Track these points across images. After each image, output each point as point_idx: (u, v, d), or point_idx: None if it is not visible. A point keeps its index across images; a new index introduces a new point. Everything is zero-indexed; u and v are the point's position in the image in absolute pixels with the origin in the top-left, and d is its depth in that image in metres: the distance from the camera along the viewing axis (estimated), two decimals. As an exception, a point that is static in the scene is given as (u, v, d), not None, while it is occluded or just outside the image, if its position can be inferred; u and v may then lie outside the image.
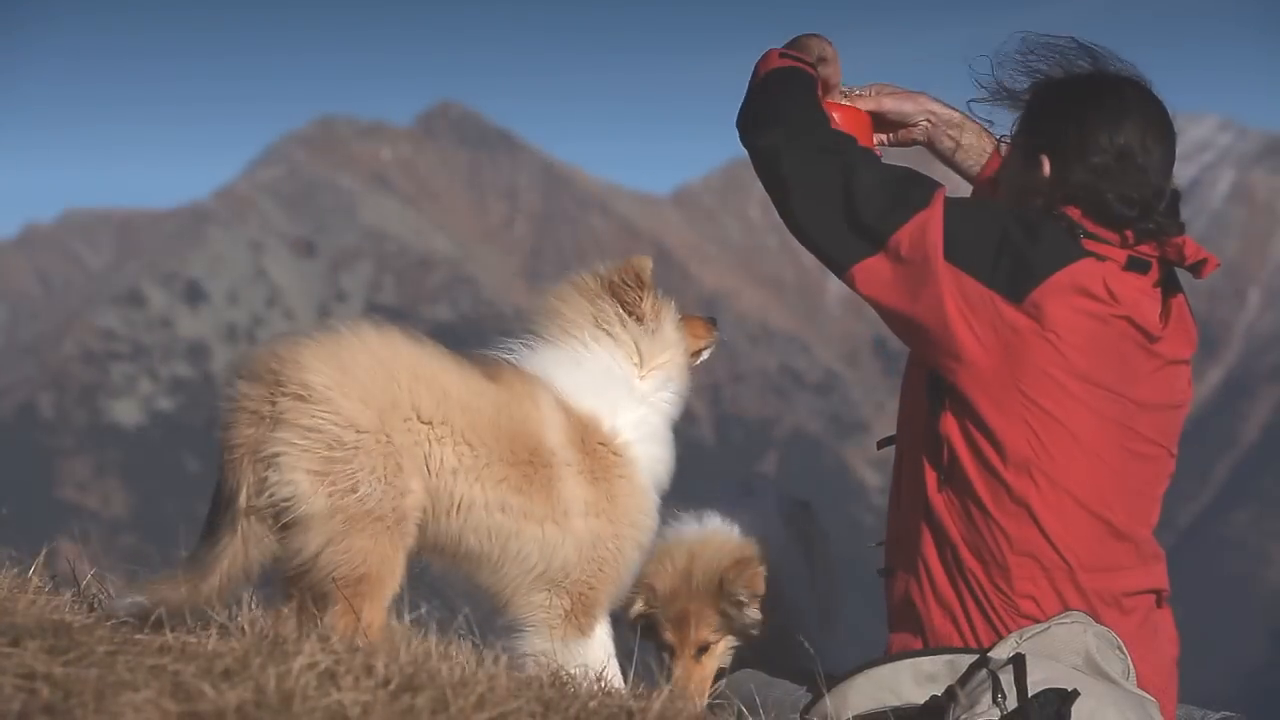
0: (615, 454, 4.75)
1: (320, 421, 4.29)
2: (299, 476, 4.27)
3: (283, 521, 4.28)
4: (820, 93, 5.04)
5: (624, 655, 4.79)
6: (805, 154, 4.85)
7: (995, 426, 4.70)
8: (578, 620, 4.68)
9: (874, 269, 4.77)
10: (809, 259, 5.20)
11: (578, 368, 4.82)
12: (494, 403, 4.58)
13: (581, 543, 4.66)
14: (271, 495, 4.27)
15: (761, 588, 5.16)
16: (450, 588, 4.76)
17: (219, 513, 4.37)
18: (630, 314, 4.87)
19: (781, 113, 4.94)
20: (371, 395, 4.35)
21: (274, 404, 4.30)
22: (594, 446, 4.72)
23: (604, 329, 4.87)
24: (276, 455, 4.27)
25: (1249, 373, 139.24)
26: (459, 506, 4.50)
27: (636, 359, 4.88)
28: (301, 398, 4.29)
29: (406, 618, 4.44)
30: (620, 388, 4.83)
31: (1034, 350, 4.68)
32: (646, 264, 4.96)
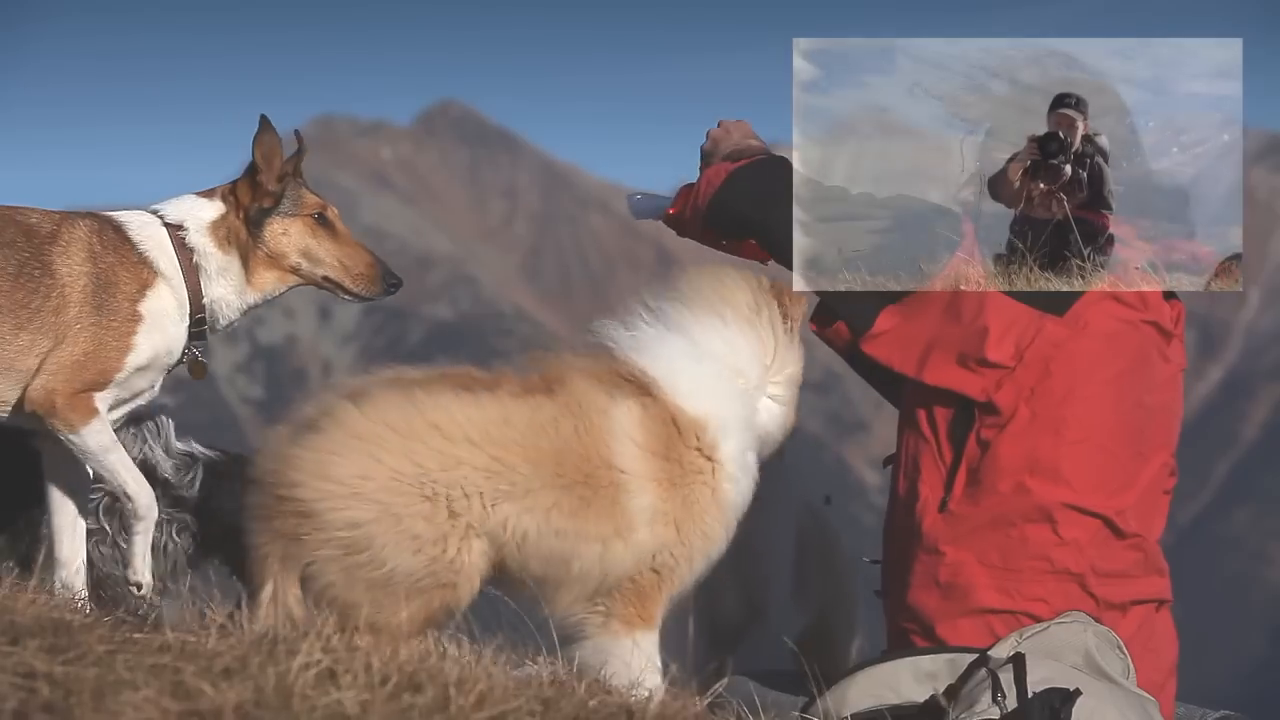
0: (707, 459, 4.68)
1: (326, 535, 4.37)
2: (334, 579, 4.39)
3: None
4: None
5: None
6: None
7: (1028, 438, 4.75)
8: (629, 614, 4.63)
9: (912, 308, 4.85)
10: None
11: (698, 365, 4.76)
12: (529, 423, 4.52)
13: (643, 553, 4.60)
14: (318, 599, 4.39)
15: None
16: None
17: (251, 599, 4.49)
18: (785, 319, 4.87)
19: (787, 183, 5.05)
20: (363, 483, 4.37)
21: (283, 519, 4.40)
22: (681, 452, 4.65)
23: (755, 321, 4.84)
24: (308, 565, 4.41)
25: (1249, 372, 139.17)
26: (515, 539, 4.48)
27: (770, 361, 4.86)
28: (302, 514, 4.37)
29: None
30: (740, 393, 4.79)
31: (1073, 360, 4.75)
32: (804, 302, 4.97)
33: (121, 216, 4.96)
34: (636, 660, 4.59)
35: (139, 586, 4.92)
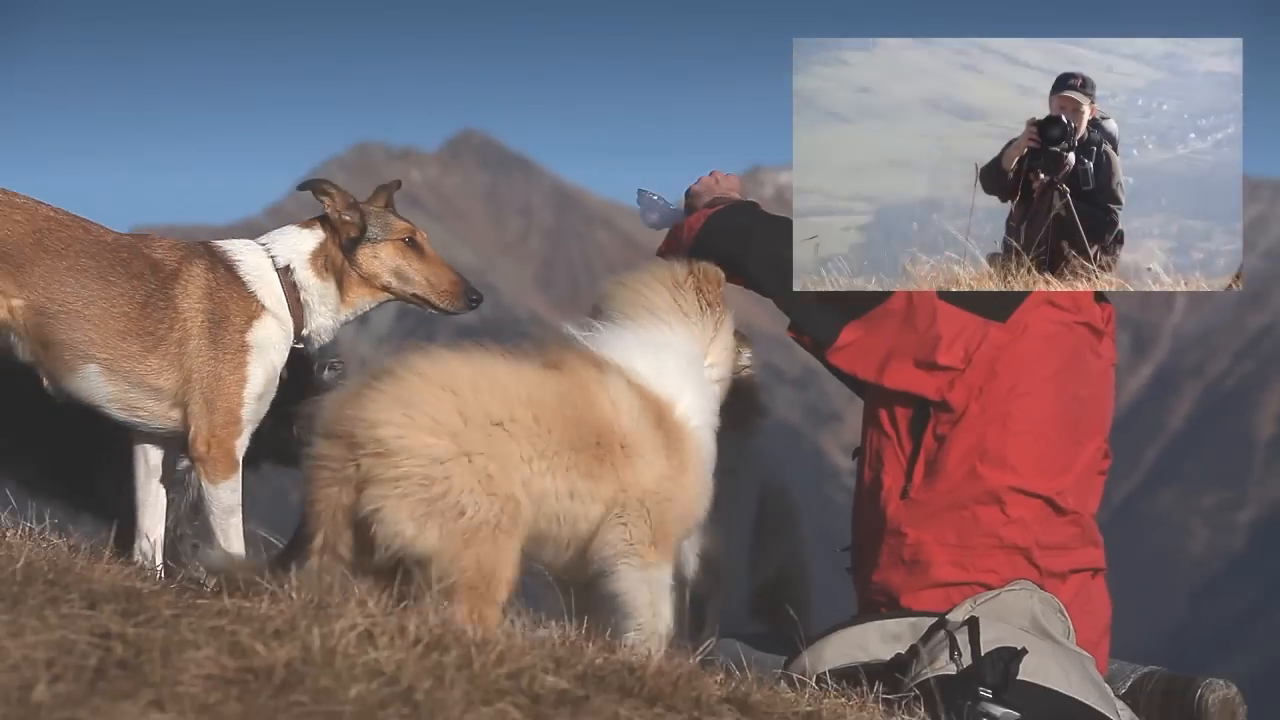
0: (685, 437, 4.59)
1: (404, 471, 4.10)
2: (404, 525, 4.11)
3: (400, 557, 4.15)
4: None
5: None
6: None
7: (978, 430, 4.74)
8: (662, 543, 4.50)
9: (873, 322, 4.79)
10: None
11: (660, 353, 4.67)
12: (556, 392, 4.40)
13: (649, 489, 4.45)
14: (387, 546, 4.12)
15: None
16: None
17: (298, 551, 4.32)
18: (706, 306, 4.81)
19: (755, 220, 5.03)
20: (441, 424, 4.14)
21: (357, 464, 4.12)
22: (669, 425, 4.56)
23: (685, 315, 4.77)
24: (377, 511, 4.11)
25: (1175, 369, 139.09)
26: (535, 497, 4.31)
27: (706, 347, 4.79)
28: (380, 454, 4.10)
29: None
30: (694, 374, 4.71)
31: (1016, 360, 4.74)
32: (721, 272, 4.90)
33: (234, 255, 4.93)
34: (658, 590, 4.51)
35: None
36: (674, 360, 4.69)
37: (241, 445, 4.86)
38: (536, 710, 3.40)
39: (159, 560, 4.99)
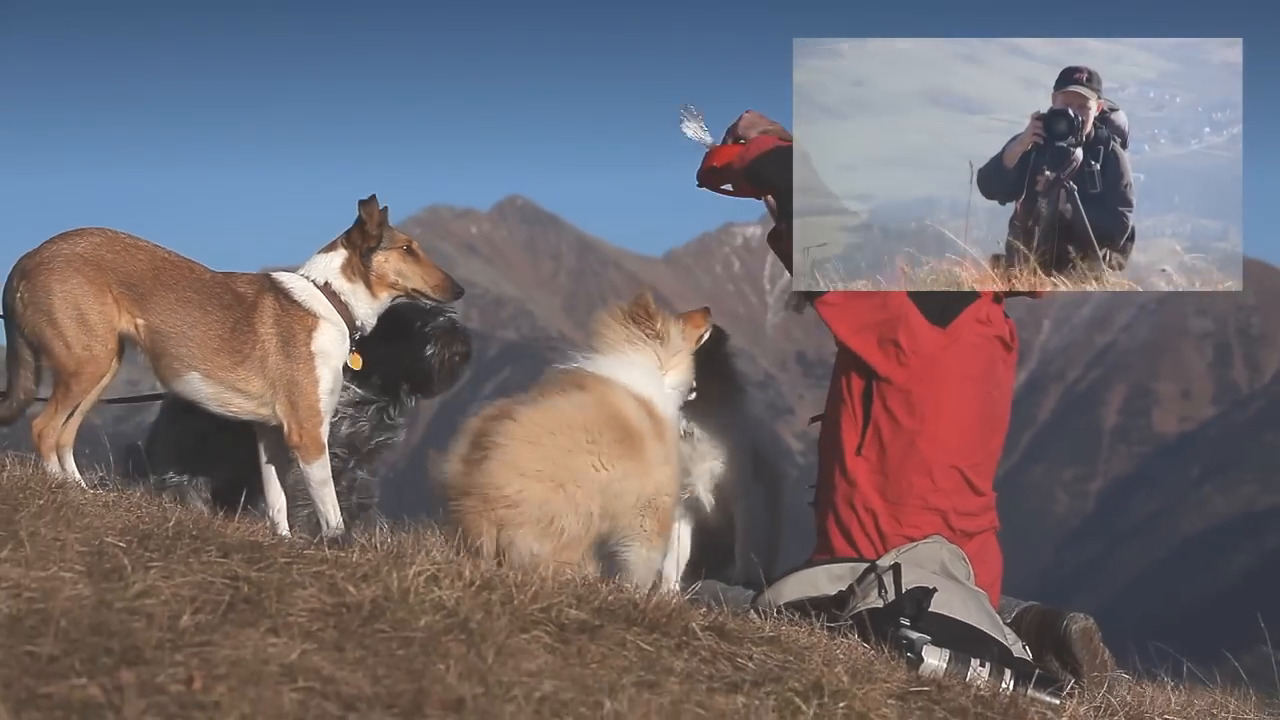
0: (665, 423, 4.63)
1: (528, 514, 4.25)
2: (531, 545, 4.25)
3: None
4: None
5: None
6: None
7: (916, 410, 4.68)
8: (663, 533, 4.59)
9: (852, 295, 4.61)
10: (757, 300, 5.17)
11: (631, 367, 4.69)
12: (595, 407, 4.47)
13: (660, 484, 4.53)
14: (518, 559, 4.23)
15: None
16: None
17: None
18: (648, 334, 4.78)
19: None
20: (542, 473, 4.28)
21: (494, 512, 4.25)
22: (655, 418, 4.60)
23: (632, 340, 4.75)
24: (511, 541, 4.25)
25: (1043, 375, 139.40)
26: (602, 485, 4.39)
27: (658, 362, 4.77)
28: (510, 506, 4.25)
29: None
30: (657, 379, 4.72)
31: (949, 360, 4.68)
32: (648, 297, 4.84)
33: (289, 285, 4.85)
34: (656, 562, 4.60)
35: (331, 524, 4.78)
36: (640, 372, 4.70)
37: (324, 432, 4.80)
38: (562, 636, 3.36)
39: (283, 524, 4.94)
